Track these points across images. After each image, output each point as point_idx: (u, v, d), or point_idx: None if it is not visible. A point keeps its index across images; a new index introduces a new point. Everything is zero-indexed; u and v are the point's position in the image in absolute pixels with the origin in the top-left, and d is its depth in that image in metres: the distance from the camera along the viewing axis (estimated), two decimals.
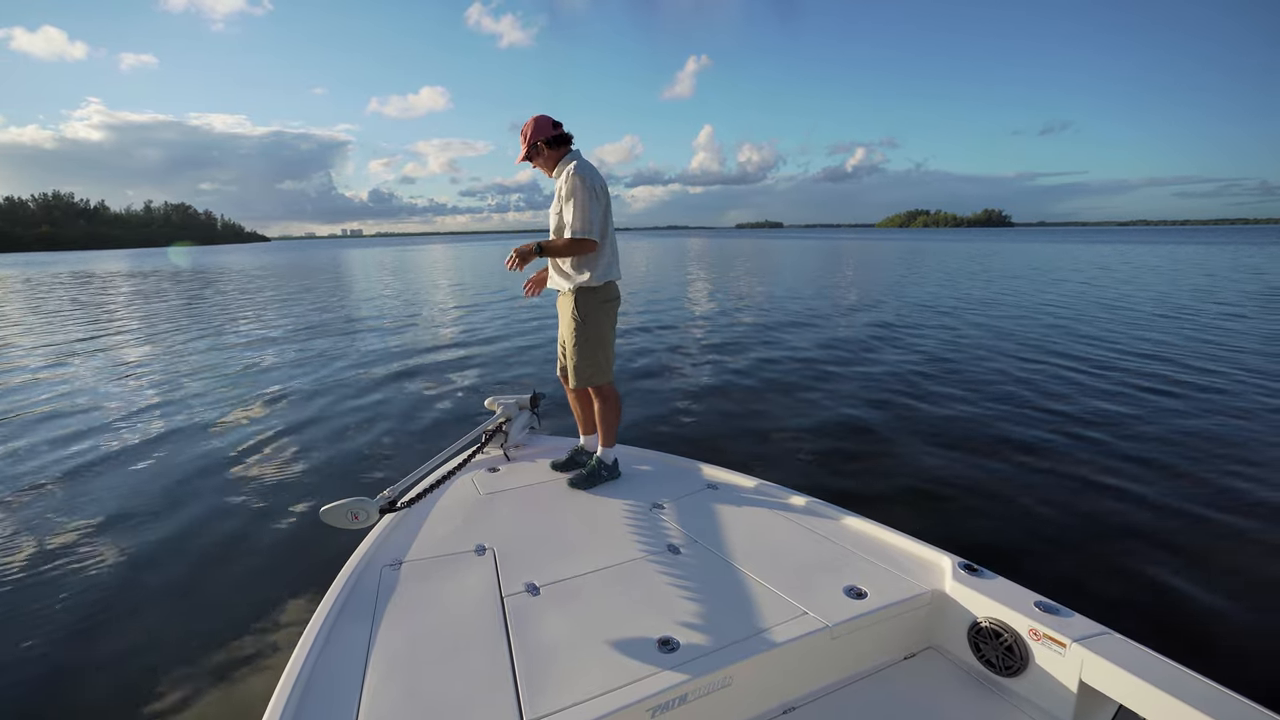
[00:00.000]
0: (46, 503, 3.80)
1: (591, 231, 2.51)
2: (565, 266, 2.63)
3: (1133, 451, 4.24)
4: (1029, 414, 5.12)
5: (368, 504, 2.12)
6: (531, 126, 2.58)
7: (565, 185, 2.53)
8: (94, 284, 24.07)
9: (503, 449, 3.03)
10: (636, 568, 1.98)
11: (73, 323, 12.30)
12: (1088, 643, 1.48)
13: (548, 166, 2.63)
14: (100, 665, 2.36)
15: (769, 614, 1.70)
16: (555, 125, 2.59)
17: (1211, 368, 6.67)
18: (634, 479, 2.74)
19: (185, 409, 5.79)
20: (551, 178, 2.66)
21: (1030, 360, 7.15)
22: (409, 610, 1.76)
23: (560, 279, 2.67)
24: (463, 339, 9.45)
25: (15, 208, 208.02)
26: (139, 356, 8.55)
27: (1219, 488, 3.69)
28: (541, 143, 2.58)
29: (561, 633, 1.64)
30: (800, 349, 8.08)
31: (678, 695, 1.43)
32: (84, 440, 4.95)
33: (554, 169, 2.63)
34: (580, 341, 2.64)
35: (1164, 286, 15.64)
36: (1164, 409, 5.21)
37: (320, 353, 8.51)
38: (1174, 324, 9.68)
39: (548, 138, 2.58)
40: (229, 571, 2.99)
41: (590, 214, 2.50)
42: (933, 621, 1.81)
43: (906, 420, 5.02)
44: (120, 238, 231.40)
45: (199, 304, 15.48)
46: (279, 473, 4.16)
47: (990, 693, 1.63)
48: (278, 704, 1.37)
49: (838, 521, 2.24)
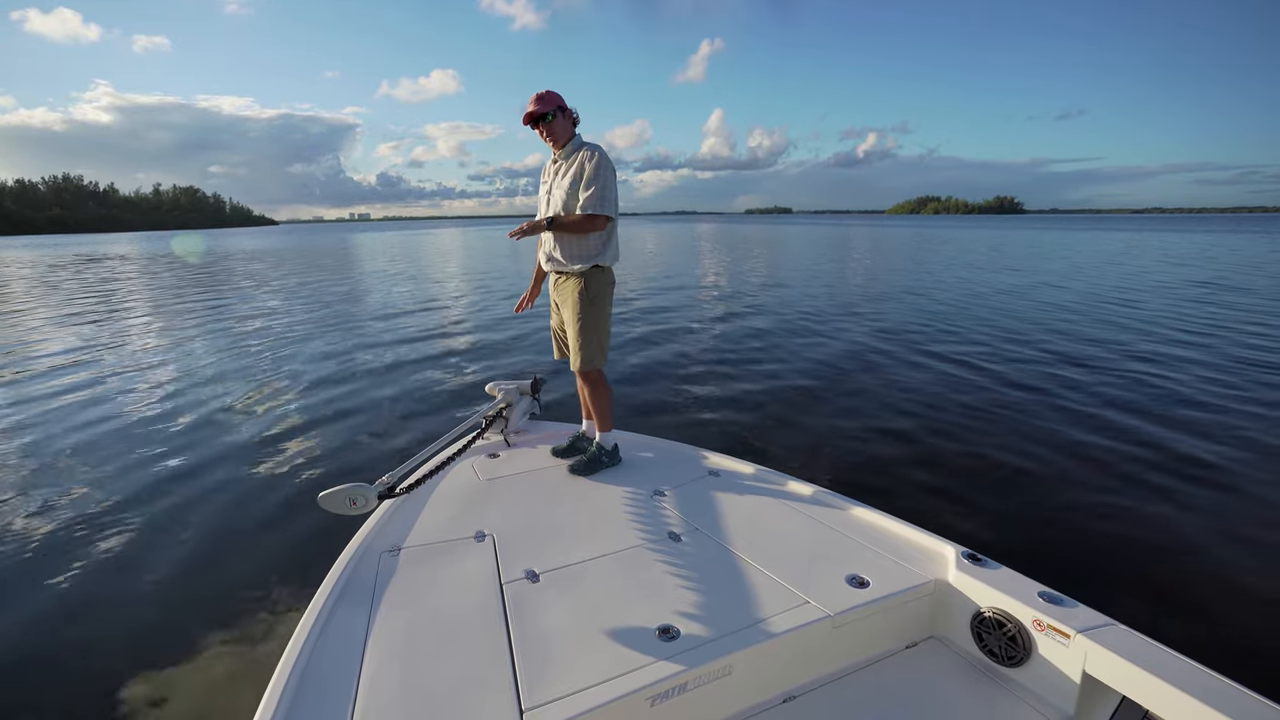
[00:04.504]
0: (41, 481, 3.83)
1: (610, 208, 2.53)
2: (577, 246, 2.59)
3: (1142, 441, 4.19)
4: (1037, 401, 5.06)
5: (366, 490, 2.12)
6: (552, 93, 2.56)
7: (589, 164, 2.51)
8: (103, 266, 24.21)
9: (503, 435, 3.02)
10: (637, 555, 1.96)
11: (79, 305, 12.39)
12: (1092, 634, 1.46)
13: (562, 135, 2.58)
14: (95, 648, 2.38)
15: (770, 603, 1.68)
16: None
17: (1230, 361, 6.58)
18: (635, 466, 2.72)
19: (182, 392, 5.82)
20: (555, 150, 2.62)
21: (1035, 348, 7.07)
22: (407, 596, 1.75)
23: (568, 260, 2.61)
24: (464, 324, 9.46)
25: (26, 190, 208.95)
26: (142, 340, 8.61)
27: (1231, 480, 3.64)
28: (565, 110, 2.56)
29: (561, 620, 1.63)
30: (804, 336, 8.03)
31: (678, 684, 1.42)
32: (80, 422, 4.99)
33: (564, 143, 2.59)
34: (589, 323, 2.61)
35: (1164, 276, 15.44)
36: (1177, 399, 5.15)
37: (320, 337, 8.53)
38: (1194, 313, 9.56)
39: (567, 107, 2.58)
40: (226, 556, 3.00)
41: (611, 192, 2.53)
42: (936, 611, 1.79)
43: (914, 406, 4.98)
44: (130, 221, 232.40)
45: (203, 289, 15.54)
46: (277, 458, 4.17)
47: (993, 683, 1.61)
48: (275, 689, 1.37)
49: (840, 510, 2.22)
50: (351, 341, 8.16)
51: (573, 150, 2.59)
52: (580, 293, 2.61)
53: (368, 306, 11.61)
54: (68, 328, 9.70)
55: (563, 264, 2.64)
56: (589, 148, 2.56)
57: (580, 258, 2.60)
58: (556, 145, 2.61)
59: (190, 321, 10.05)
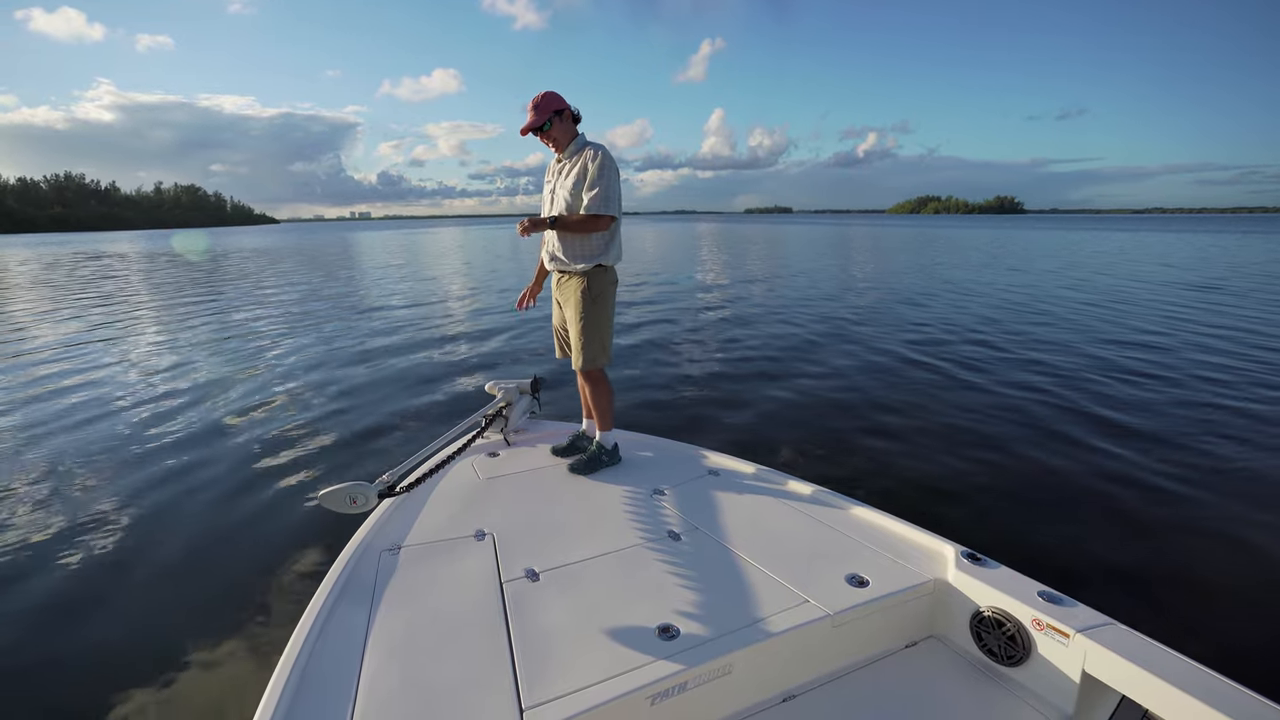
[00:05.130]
0: (37, 481, 3.83)
1: (613, 208, 2.53)
2: (580, 246, 2.59)
3: (1143, 441, 4.19)
4: (1037, 401, 5.06)
5: (366, 488, 2.12)
6: (549, 96, 2.54)
7: (592, 164, 2.51)
8: (102, 263, 24.21)
9: (503, 434, 3.02)
10: (637, 554, 1.96)
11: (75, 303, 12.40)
12: (1091, 633, 1.46)
13: (563, 139, 2.58)
14: (95, 647, 2.38)
15: (770, 602, 1.68)
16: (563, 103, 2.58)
17: (1229, 360, 6.57)
18: (635, 465, 2.72)
19: (182, 390, 5.82)
20: (558, 153, 2.62)
21: (1036, 348, 7.07)
22: (407, 595, 1.75)
23: (571, 259, 2.61)
24: (465, 322, 9.45)
25: (28, 188, 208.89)
26: (141, 338, 8.61)
27: (1232, 480, 3.64)
28: (564, 112, 2.55)
29: (561, 619, 1.63)
30: (806, 335, 8.02)
31: (678, 683, 1.42)
32: (80, 420, 4.99)
33: (567, 144, 2.59)
34: (591, 322, 2.61)
35: (1168, 277, 15.41)
36: (1178, 400, 5.15)
37: (319, 335, 8.53)
38: (1192, 315, 9.55)
39: (565, 108, 2.56)
40: (226, 555, 3.00)
41: (615, 193, 2.54)
42: (935, 610, 1.79)
43: (913, 406, 4.97)
44: (131, 219, 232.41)
45: (202, 286, 15.54)
46: (277, 456, 4.17)
47: (992, 682, 1.62)
48: (275, 688, 1.37)
49: (840, 509, 2.22)
50: (351, 340, 8.15)
51: (576, 150, 2.59)
52: (583, 292, 2.61)
53: (367, 305, 11.61)
54: (63, 325, 9.70)
55: (566, 263, 2.63)
56: (593, 147, 2.56)
57: (583, 257, 2.60)
58: (559, 149, 2.61)
59: (189, 319, 10.04)
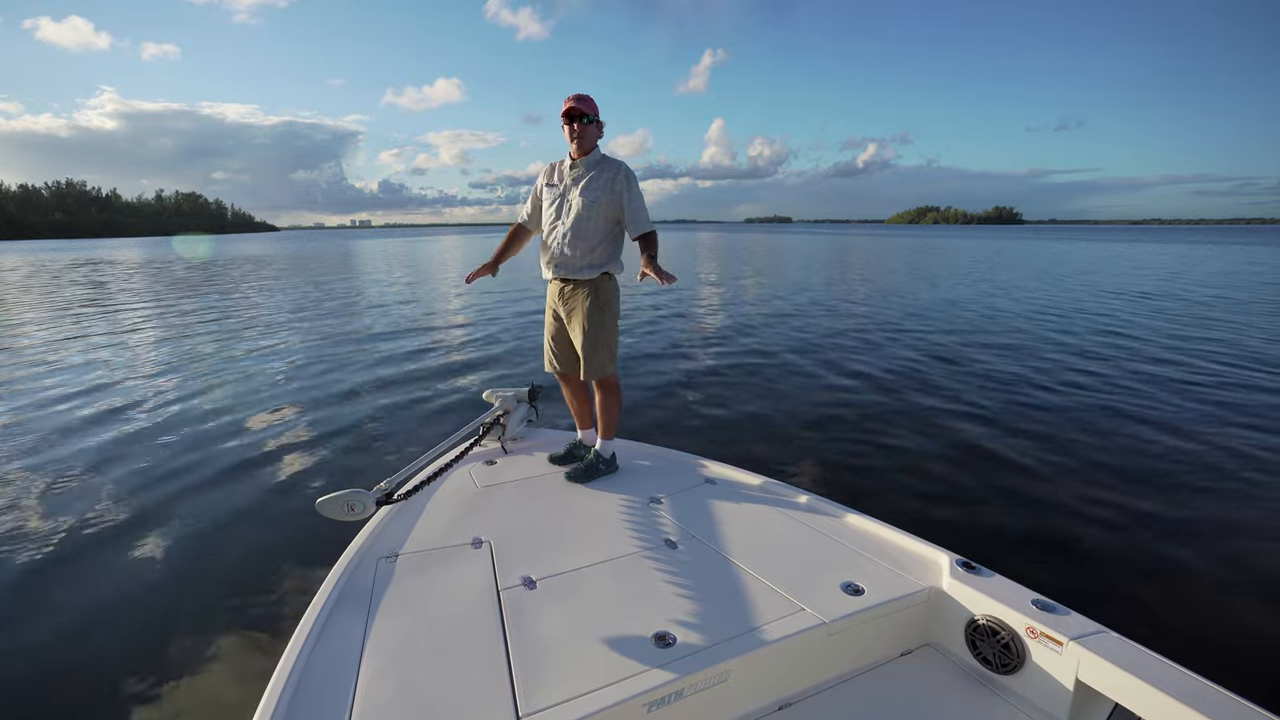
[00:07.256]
0: (38, 486, 3.83)
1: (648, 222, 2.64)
2: (593, 255, 2.60)
3: (1135, 451, 4.21)
4: (1032, 413, 5.08)
5: (364, 496, 2.12)
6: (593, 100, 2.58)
7: (625, 185, 2.56)
8: (104, 271, 24.22)
9: (500, 442, 3.02)
10: (633, 562, 1.97)
11: (73, 312, 12.41)
12: (1085, 641, 1.47)
13: (588, 142, 2.59)
14: (93, 653, 2.37)
15: (766, 610, 1.69)
16: None
17: (1224, 370, 6.60)
18: (632, 473, 2.73)
19: (181, 398, 5.81)
20: (575, 154, 2.61)
21: (1031, 356, 7.10)
22: (405, 603, 1.76)
23: (583, 268, 2.60)
24: (463, 331, 9.47)
25: (30, 195, 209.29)
26: (141, 345, 8.61)
27: (1227, 488, 3.65)
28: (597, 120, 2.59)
29: (558, 627, 1.63)
30: (802, 344, 8.05)
31: (674, 691, 1.43)
32: (76, 426, 4.99)
33: (588, 150, 2.60)
34: (599, 330, 2.62)
35: (1177, 285, 15.48)
36: (1172, 410, 5.16)
37: (317, 343, 8.54)
38: (1187, 327, 9.58)
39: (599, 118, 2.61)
40: (223, 561, 3.00)
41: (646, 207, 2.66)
42: (930, 619, 1.79)
43: (909, 416, 4.99)
44: (133, 226, 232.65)
45: (200, 294, 15.55)
46: (274, 464, 4.17)
47: (987, 690, 1.62)
48: (272, 695, 1.37)
49: (836, 518, 2.23)
50: (349, 347, 8.16)
51: (594, 161, 2.60)
52: (591, 300, 2.62)
53: (366, 312, 11.63)
54: (62, 333, 9.70)
55: (574, 272, 2.61)
56: (615, 163, 2.59)
57: (594, 266, 2.61)
58: (580, 150, 2.59)
59: (188, 326, 10.05)
